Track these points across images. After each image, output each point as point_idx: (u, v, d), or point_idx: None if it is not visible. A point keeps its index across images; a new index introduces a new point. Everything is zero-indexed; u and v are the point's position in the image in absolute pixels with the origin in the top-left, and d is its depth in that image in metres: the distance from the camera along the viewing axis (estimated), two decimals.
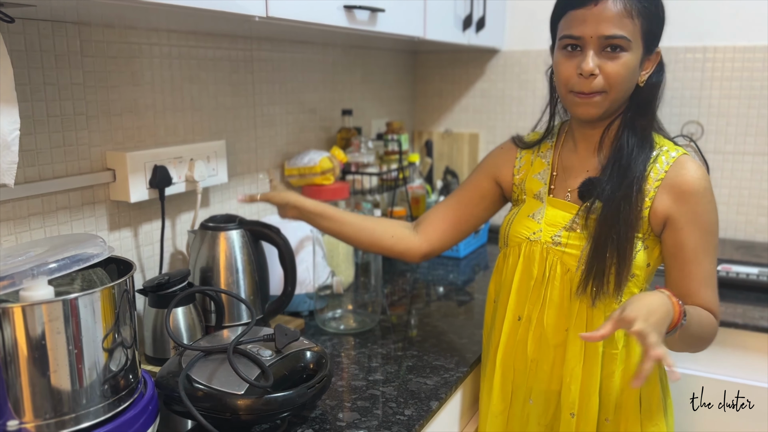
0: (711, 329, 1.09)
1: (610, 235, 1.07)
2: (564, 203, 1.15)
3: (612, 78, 1.04)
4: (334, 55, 1.93)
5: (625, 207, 1.06)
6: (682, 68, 2.05)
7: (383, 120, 2.24)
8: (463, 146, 2.42)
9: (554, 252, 1.13)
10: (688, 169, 1.07)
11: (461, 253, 2.00)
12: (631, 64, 1.05)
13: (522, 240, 1.16)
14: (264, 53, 1.64)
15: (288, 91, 1.74)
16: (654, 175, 1.07)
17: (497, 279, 1.25)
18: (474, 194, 1.29)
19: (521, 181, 1.23)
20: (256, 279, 1.35)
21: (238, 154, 1.58)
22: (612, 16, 1.02)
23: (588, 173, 1.14)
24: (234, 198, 1.59)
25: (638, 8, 1.03)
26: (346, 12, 1.31)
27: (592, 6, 1.03)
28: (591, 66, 1.03)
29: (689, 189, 1.06)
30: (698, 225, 1.06)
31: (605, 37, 1.02)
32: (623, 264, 1.07)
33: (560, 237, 1.12)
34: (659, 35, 1.10)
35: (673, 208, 1.06)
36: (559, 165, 1.19)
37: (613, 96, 1.06)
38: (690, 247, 1.07)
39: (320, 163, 1.66)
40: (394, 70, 2.31)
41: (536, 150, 1.23)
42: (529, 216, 1.17)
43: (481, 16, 1.98)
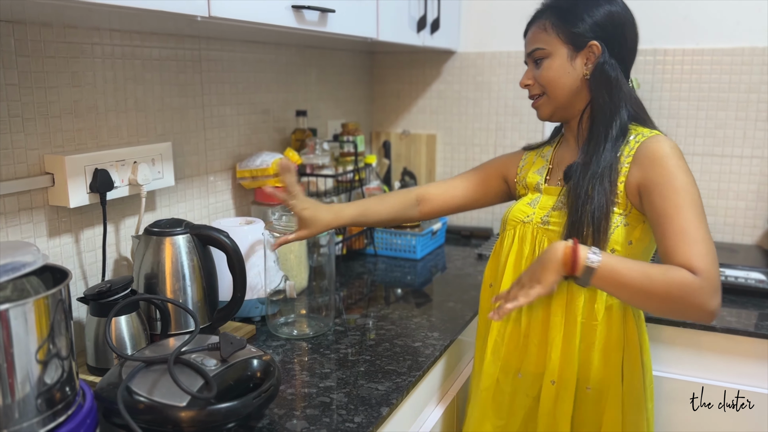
0: (675, 284, 1.03)
1: (584, 209, 1.16)
2: (555, 189, 1.28)
3: (542, 81, 1.25)
4: (288, 55, 1.91)
5: (596, 181, 1.16)
6: (633, 71, 2.07)
7: (340, 121, 2.22)
8: (421, 147, 2.42)
9: (542, 231, 1.25)
10: (657, 142, 1.15)
11: (418, 254, 2.00)
12: (554, 66, 1.23)
13: (517, 223, 1.30)
14: (213, 53, 1.60)
15: (239, 91, 1.71)
16: (626, 153, 1.18)
17: (494, 264, 1.36)
18: (481, 184, 1.46)
19: (523, 178, 1.38)
20: (204, 285, 1.31)
21: (186, 156, 1.54)
22: (530, 38, 1.28)
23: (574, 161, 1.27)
24: (181, 201, 1.55)
25: (551, 21, 1.23)
26: (295, 12, 1.29)
27: (525, 37, 1.31)
28: (523, 80, 1.29)
29: (656, 155, 1.13)
30: (666, 186, 1.10)
31: (527, 54, 1.28)
32: (598, 235, 1.15)
33: (548, 217, 1.25)
34: (588, 30, 1.21)
35: (642, 176, 1.14)
36: (554, 160, 1.34)
37: (552, 93, 1.25)
38: (660, 207, 1.10)
39: (273, 165, 1.63)
40: (350, 70, 2.29)
41: (539, 151, 1.40)
42: (528, 203, 1.31)
43: (435, 17, 1.97)
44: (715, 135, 2.02)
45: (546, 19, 1.24)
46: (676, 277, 1.03)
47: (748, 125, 1.98)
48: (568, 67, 1.22)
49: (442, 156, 2.41)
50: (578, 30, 1.21)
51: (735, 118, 1.99)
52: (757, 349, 1.50)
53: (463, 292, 1.70)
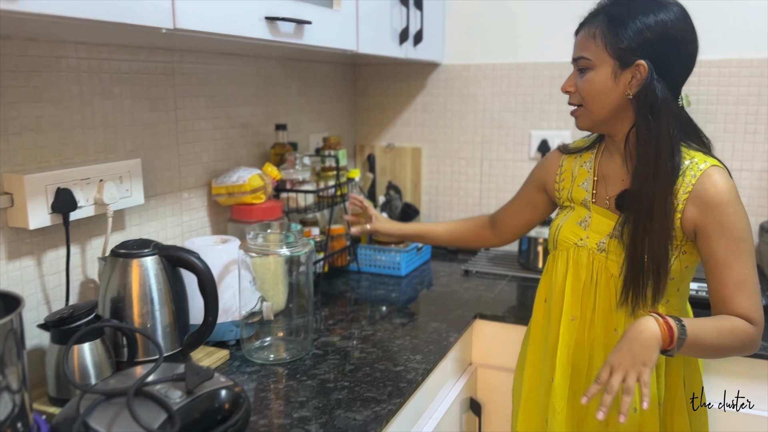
0: (739, 336, 1.11)
1: (643, 252, 1.15)
2: (607, 212, 1.25)
3: (582, 93, 1.20)
4: (267, 68, 1.86)
5: (654, 223, 1.14)
6: None
7: (322, 135, 2.17)
8: (406, 160, 2.37)
9: (599, 258, 1.23)
10: (713, 181, 1.13)
11: (403, 271, 1.94)
12: (596, 80, 1.17)
13: (570, 245, 1.28)
14: (187, 65, 1.55)
15: (215, 105, 1.65)
16: (683, 188, 1.14)
17: (548, 279, 1.35)
18: (527, 205, 1.48)
19: (562, 188, 1.35)
20: (174, 309, 1.25)
21: (158, 172, 1.48)
22: (579, 42, 1.21)
23: (623, 182, 1.24)
24: (153, 220, 1.49)
25: (602, 30, 1.15)
26: (269, 24, 1.24)
27: (575, 38, 1.24)
28: (564, 85, 1.23)
29: (714, 200, 1.12)
30: (725, 233, 1.12)
31: (573, 60, 1.22)
32: (659, 281, 1.16)
33: (605, 244, 1.23)
34: (637, 48, 1.13)
35: (700, 218, 1.13)
36: (599, 172, 1.29)
37: (590, 107, 1.20)
38: (719, 254, 1.12)
39: (249, 181, 1.58)
40: (333, 82, 2.24)
41: (578, 158, 1.34)
42: (577, 223, 1.28)
43: (418, 29, 1.93)
44: None
45: (598, 26, 1.16)
46: (741, 332, 1.11)
47: (737, 138, 1.94)
48: (611, 83, 1.16)
49: (427, 170, 2.37)
50: (627, 46, 1.13)
51: (723, 131, 1.95)
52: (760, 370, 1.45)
53: (448, 312, 1.65)
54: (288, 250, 1.36)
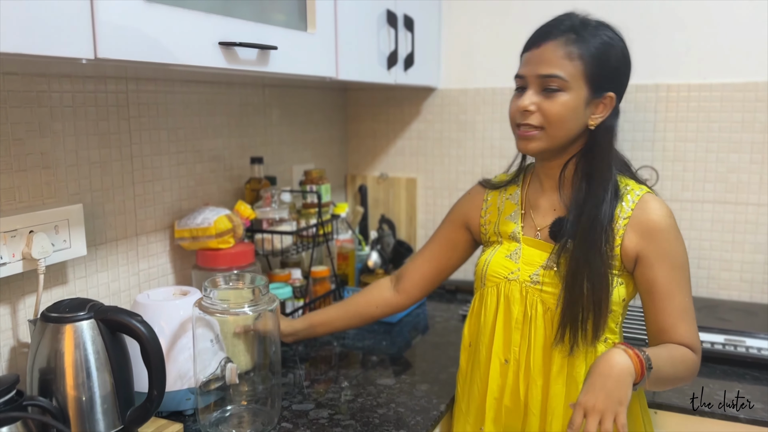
0: (688, 366, 1.10)
1: (582, 283, 1.09)
2: (539, 242, 1.18)
3: (548, 115, 1.09)
4: (242, 95, 1.69)
5: (593, 252, 1.08)
6: (633, 108, 1.86)
7: (308, 166, 2.00)
8: (400, 192, 2.19)
9: (533, 291, 1.15)
10: (652, 207, 1.11)
11: (394, 317, 1.75)
12: (570, 104, 1.08)
13: (500, 279, 1.19)
14: (145, 95, 1.38)
15: (179, 138, 1.49)
16: (621, 214, 1.11)
17: (474, 322, 1.25)
18: (446, 246, 1.35)
19: (488, 223, 1.27)
20: (113, 381, 1.07)
21: (108, 216, 1.31)
22: (550, 58, 1.08)
23: (555, 212, 1.18)
24: (102, 270, 1.31)
25: (579, 52, 1.08)
26: (224, 50, 1.07)
27: (535, 49, 1.11)
28: (525, 102, 1.10)
29: (655, 227, 1.10)
30: (668, 260, 1.09)
31: (541, 77, 1.09)
32: (600, 314, 1.09)
33: (538, 276, 1.15)
34: (610, 79, 1.12)
35: (641, 245, 1.10)
36: (526, 203, 1.23)
37: (552, 133, 1.10)
38: (662, 283, 1.10)
39: (215, 223, 1.40)
40: (320, 109, 2.08)
41: (503, 192, 1.27)
42: (507, 256, 1.20)
43: (409, 52, 1.76)
44: (727, 180, 1.79)
45: (574, 47, 1.08)
46: (690, 360, 1.10)
47: (765, 169, 1.75)
48: (581, 111, 1.10)
49: (423, 201, 2.18)
50: (604, 76, 1.11)
51: (750, 161, 1.76)
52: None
53: (441, 369, 1.46)
54: (249, 309, 1.18)
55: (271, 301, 1.20)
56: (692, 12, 1.77)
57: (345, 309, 1.44)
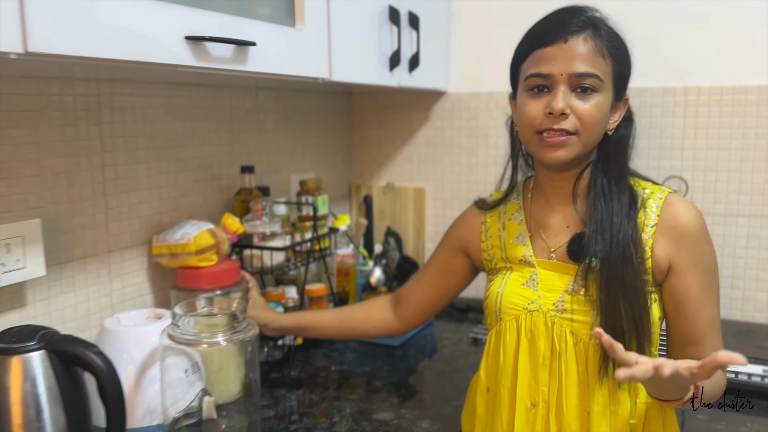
0: (721, 386, 1.02)
1: (618, 302, 0.97)
2: (556, 264, 1.05)
3: (585, 119, 0.96)
4: (232, 99, 1.57)
5: (627, 268, 0.97)
6: (660, 113, 1.70)
7: (309, 174, 1.87)
8: (408, 203, 2.05)
9: (561, 321, 1.01)
10: (680, 209, 1.00)
11: (397, 339, 1.61)
12: (603, 107, 0.98)
13: (519, 311, 1.05)
14: (120, 98, 1.26)
15: (159, 145, 1.36)
16: (647, 220, 1.00)
17: (492, 363, 1.10)
18: (443, 273, 1.23)
19: (491, 248, 1.14)
20: (65, 419, 0.95)
21: (76, 231, 1.19)
22: (584, 54, 0.96)
23: (569, 229, 1.06)
24: (69, 291, 1.19)
25: (609, 48, 0.98)
26: (192, 45, 0.94)
27: (561, 43, 0.97)
28: (562, 105, 0.95)
29: (686, 230, 0.99)
30: (700, 267, 1.00)
31: (577, 75, 0.96)
32: (643, 333, 0.98)
33: (564, 303, 1.01)
34: (628, 80, 1.04)
35: (673, 252, 0.99)
36: (532, 223, 1.10)
37: (585, 139, 0.98)
38: (695, 293, 1.00)
39: (195, 239, 1.28)
40: (321, 114, 1.95)
41: (503, 213, 1.15)
42: (523, 284, 1.06)
43: (414, 52, 1.62)
44: (764, 192, 1.62)
45: (600, 41, 0.97)
46: (721, 380, 1.02)
47: None
48: (608, 115, 1.01)
49: (432, 213, 2.04)
50: (627, 75, 1.03)
51: None
52: None
53: (445, 402, 1.31)
54: (223, 338, 1.05)
55: (248, 328, 1.07)
56: (724, 7, 1.61)
57: (339, 319, 1.32)
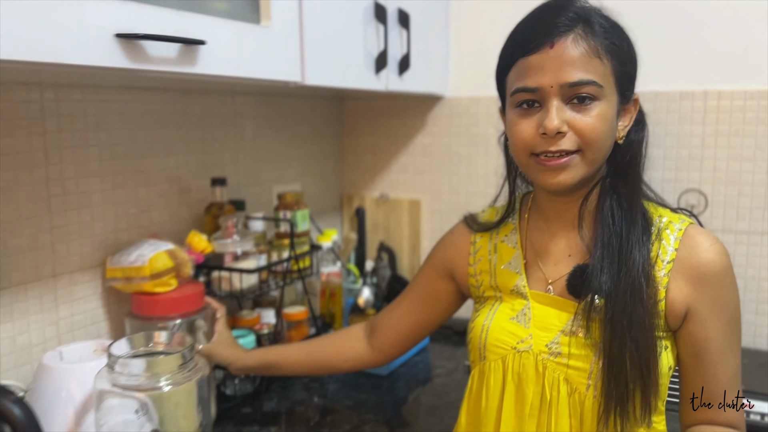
0: None
1: (625, 344, 0.83)
2: (553, 299, 0.92)
3: (587, 134, 0.83)
4: (203, 105, 1.43)
5: (636, 305, 0.84)
6: (677, 120, 1.54)
7: (295, 186, 1.74)
8: (402, 215, 1.91)
9: (554, 366, 0.88)
10: (703, 245, 0.87)
11: (385, 368, 1.46)
12: (607, 116, 0.84)
13: (506, 350, 0.92)
14: (68, 105, 1.13)
15: (116, 156, 1.23)
16: (662, 255, 0.87)
17: (473, 407, 0.97)
18: (427, 298, 1.09)
19: (480, 273, 1.01)
20: None
21: (13, 255, 1.06)
22: (576, 59, 0.82)
23: (571, 258, 0.92)
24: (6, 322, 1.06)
25: (606, 45, 0.84)
26: (124, 44, 0.81)
27: (548, 49, 0.83)
28: (556, 123, 0.82)
29: (710, 271, 0.86)
30: (724, 313, 0.87)
31: (570, 85, 0.82)
32: (649, 381, 0.84)
33: (558, 345, 0.88)
34: (635, 77, 0.90)
35: (692, 296, 0.86)
36: (528, 249, 0.97)
37: (591, 157, 0.85)
38: (716, 343, 0.87)
39: (150, 261, 1.14)
40: (308, 120, 1.81)
41: (495, 233, 1.02)
42: (513, 318, 0.93)
43: (405, 53, 1.48)
44: None
45: (594, 38, 0.84)
46: None
47: None
48: (614, 123, 0.88)
49: (429, 227, 1.89)
50: (633, 73, 0.89)
51: None
52: None
53: None
54: (166, 383, 0.91)
55: (196, 370, 0.94)
56: (751, 4, 1.45)
57: (307, 353, 1.17)
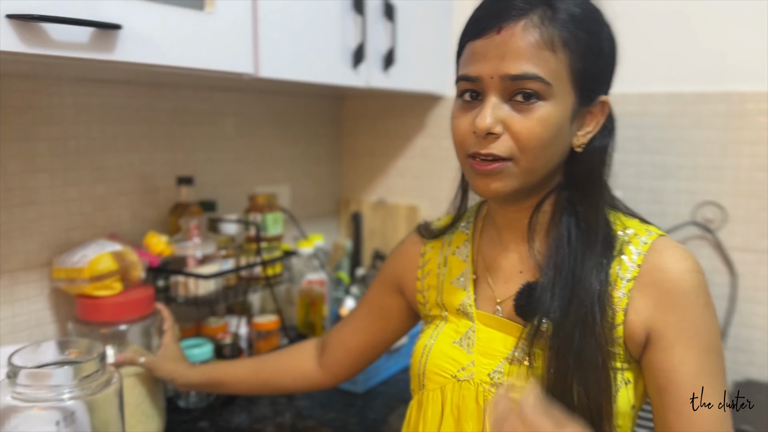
0: None
1: (570, 383, 0.72)
2: (501, 321, 0.81)
3: (523, 139, 0.73)
4: (173, 100, 1.36)
5: (587, 339, 0.72)
6: (693, 124, 1.38)
7: (282, 188, 1.66)
8: (399, 222, 1.80)
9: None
10: (670, 257, 0.75)
11: (360, 386, 1.36)
12: (550, 119, 0.73)
13: (446, 379, 0.82)
14: (14, 97, 1.08)
15: (68, 152, 1.17)
16: (622, 273, 0.75)
17: None
18: (377, 314, 0.99)
19: (427, 289, 0.90)
20: None
21: None
22: (523, 48, 0.72)
23: (522, 275, 0.82)
24: None
25: (563, 37, 0.73)
26: (19, 27, 0.74)
27: (494, 34, 0.73)
28: (488, 122, 0.72)
29: (677, 289, 0.73)
30: (696, 341, 0.72)
31: (511, 78, 0.72)
32: (601, 423, 0.72)
33: (501, 374, 0.78)
34: (604, 78, 0.78)
35: (655, 317, 0.73)
36: (479, 263, 0.87)
37: (526, 166, 0.74)
38: (687, 376, 0.72)
39: (91, 263, 1.07)
40: (304, 120, 1.73)
41: (447, 244, 0.91)
42: (456, 342, 0.83)
43: (389, 47, 1.38)
44: None
45: (552, 26, 0.72)
46: None
47: None
48: (566, 128, 0.75)
49: None
50: (600, 72, 0.77)
51: None
52: None
53: None
54: (69, 395, 0.83)
55: (105, 383, 0.86)
56: None
57: (255, 372, 1.07)
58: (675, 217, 1.40)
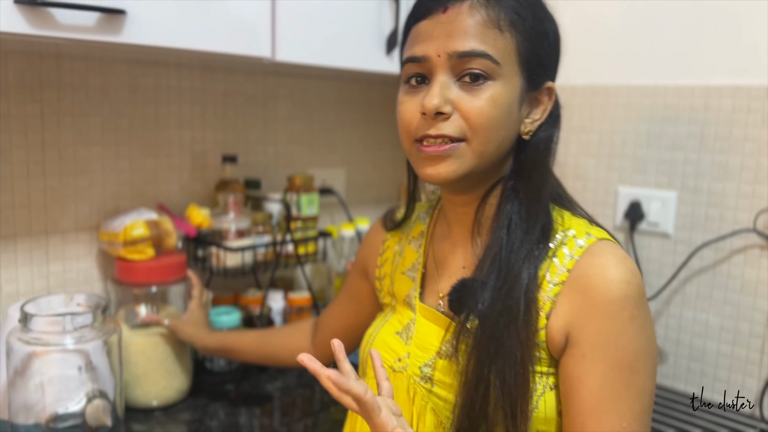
0: None
1: (486, 379, 0.69)
2: (438, 316, 0.80)
3: (474, 118, 0.70)
4: (226, 83, 1.45)
5: (509, 331, 0.69)
6: (762, 121, 1.24)
7: (338, 171, 1.71)
8: None
9: (423, 393, 0.77)
10: (601, 263, 0.70)
11: None
12: (500, 99, 0.71)
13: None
14: (68, 75, 1.21)
15: (120, 128, 1.29)
16: (550, 276, 0.71)
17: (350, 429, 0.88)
18: (352, 299, 1.01)
19: (384, 277, 0.91)
20: None
21: (2, 210, 1.17)
22: (470, 26, 0.70)
23: (465, 270, 0.80)
24: None
25: (510, 18, 0.71)
26: (26, 11, 0.83)
27: (440, 14, 0.71)
28: (436, 101, 0.70)
29: (600, 297, 0.68)
30: (610, 355, 0.67)
31: (459, 55, 0.70)
32: (515, 421, 0.68)
33: (431, 368, 0.77)
34: (550, 62, 0.77)
35: (574, 323, 0.69)
36: (430, 256, 0.86)
37: (479, 148, 0.72)
38: (592, 389, 0.67)
39: (125, 229, 1.18)
40: (365, 105, 1.76)
41: (406, 233, 0.91)
42: (397, 333, 0.83)
43: None
44: None
45: (498, 8, 0.71)
46: None
47: None
48: (515, 111, 0.73)
49: None
50: (545, 56, 0.75)
51: None
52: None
53: None
54: (71, 338, 0.94)
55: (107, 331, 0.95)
56: None
57: (259, 344, 1.15)
58: (734, 222, 1.26)
